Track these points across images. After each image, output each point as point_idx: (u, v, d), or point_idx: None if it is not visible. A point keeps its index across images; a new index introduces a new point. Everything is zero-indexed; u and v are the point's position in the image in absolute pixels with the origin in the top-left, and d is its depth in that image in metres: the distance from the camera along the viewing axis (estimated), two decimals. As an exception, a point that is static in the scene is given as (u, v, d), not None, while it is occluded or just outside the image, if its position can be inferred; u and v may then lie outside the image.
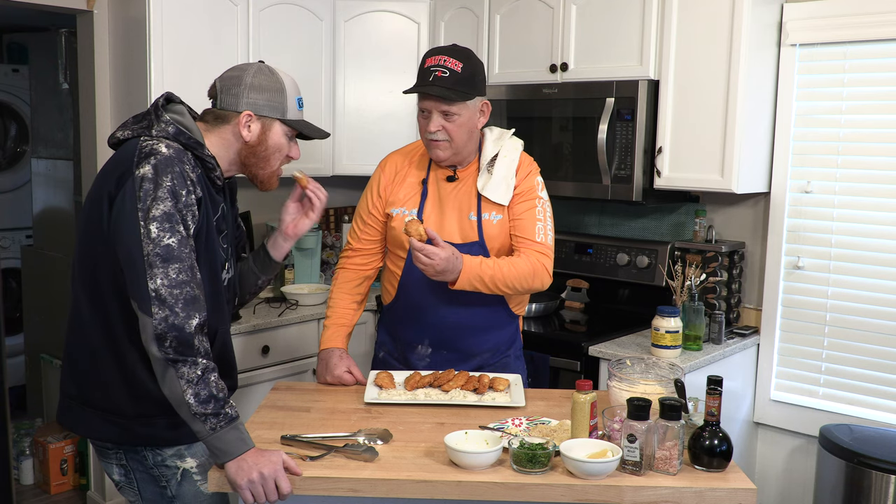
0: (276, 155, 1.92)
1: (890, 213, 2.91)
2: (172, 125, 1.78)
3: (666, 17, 3.00)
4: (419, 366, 2.39)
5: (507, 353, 2.43)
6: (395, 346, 2.46)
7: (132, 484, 1.89)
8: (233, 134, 1.88)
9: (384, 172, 2.39)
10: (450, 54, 2.20)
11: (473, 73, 2.21)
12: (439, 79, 2.16)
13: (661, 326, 2.75)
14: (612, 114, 3.06)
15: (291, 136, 1.95)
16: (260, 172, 1.94)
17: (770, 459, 3.27)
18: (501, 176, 2.29)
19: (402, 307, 2.39)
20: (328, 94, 3.71)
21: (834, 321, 3.06)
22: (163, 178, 1.69)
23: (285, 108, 1.89)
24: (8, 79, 4.97)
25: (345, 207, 4.22)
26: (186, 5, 3.16)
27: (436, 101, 2.18)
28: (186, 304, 1.66)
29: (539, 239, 2.28)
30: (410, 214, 2.32)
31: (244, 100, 1.86)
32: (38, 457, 3.82)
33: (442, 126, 2.20)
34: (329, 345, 2.37)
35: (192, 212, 1.73)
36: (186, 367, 1.66)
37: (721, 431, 1.74)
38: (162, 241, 1.66)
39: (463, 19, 3.62)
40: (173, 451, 1.86)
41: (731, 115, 2.89)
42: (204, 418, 1.66)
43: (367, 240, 2.41)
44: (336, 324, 2.40)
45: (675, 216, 3.45)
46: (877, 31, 2.84)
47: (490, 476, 1.68)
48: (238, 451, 1.68)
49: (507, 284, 2.22)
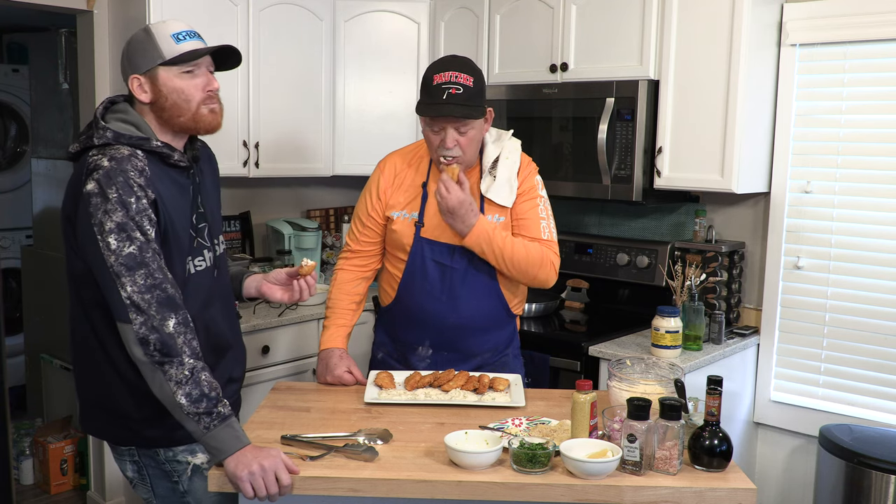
0: (181, 97, 1.83)
1: (890, 213, 2.91)
2: (110, 130, 1.78)
3: (666, 17, 3.00)
4: (420, 366, 2.38)
5: (505, 352, 2.44)
6: (394, 347, 2.46)
7: (145, 480, 1.92)
8: (140, 102, 1.84)
9: (383, 175, 2.38)
10: (458, 69, 2.18)
11: (482, 86, 2.22)
12: (454, 96, 2.15)
13: (661, 326, 2.75)
14: (612, 114, 3.06)
15: (190, 71, 1.83)
16: (180, 120, 1.85)
17: (770, 459, 3.27)
18: (505, 178, 2.30)
19: (402, 309, 2.39)
20: (328, 94, 3.71)
21: (833, 321, 3.06)
22: (108, 190, 1.70)
23: (160, 51, 1.80)
24: (8, 79, 4.97)
25: (345, 207, 4.23)
26: (186, 5, 3.16)
27: (454, 119, 2.17)
28: (161, 307, 1.69)
29: (545, 237, 2.30)
30: (411, 217, 2.32)
31: (128, 67, 1.84)
32: (38, 457, 3.82)
33: (457, 141, 2.19)
34: (329, 345, 2.37)
35: (148, 215, 1.73)
36: (173, 368, 1.68)
37: (721, 431, 1.74)
38: (123, 251, 1.68)
39: (463, 19, 3.62)
40: (184, 447, 1.88)
41: (731, 115, 2.89)
42: (197, 417, 1.67)
43: (365, 242, 2.41)
44: (335, 324, 2.41)
45: (675, 216, 3.45)
46: (877, 31, 2.84)
47: (490, 476, 1.68)
48: (234, 449, 1.68)
49: (515, 263, 2.23)
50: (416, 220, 2.32)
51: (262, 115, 3.47)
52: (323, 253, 3.96)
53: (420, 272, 2.32)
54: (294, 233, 3.76)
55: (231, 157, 3.40)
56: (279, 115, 3.54)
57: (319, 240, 3.81)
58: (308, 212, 4.11)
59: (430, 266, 2.31)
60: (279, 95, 3.53)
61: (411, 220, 2.33)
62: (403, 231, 2.33)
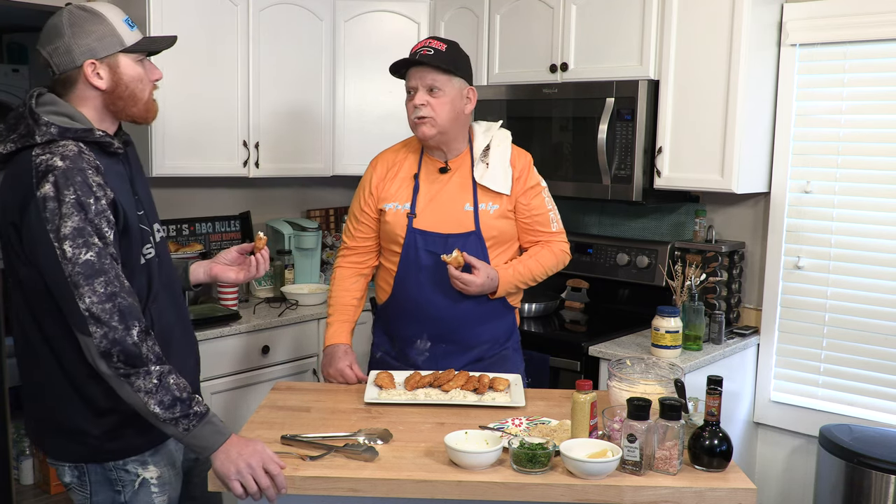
0: (139, 86, 1.77)
1: (890, 213, 2.91)
2: (54, 126, 1.66)
3: (666, 17, 3.00)
4: (418, 360, 2.40)
5: (505, 344, 2.46)
6: (392, 346, 2.47)
7: (85, 487, 1.80)
8: (87, 90, 1.73)
9: (375, 171, 2.44)
10: (434, 38, 2.31)
11: (457, 55, 2.30)
12: (424, 56, 2.25)
13: (661, 326, 2.75)
14: (612, 114, 3.06)
15: (142, 59, 1.79)
16: (133, 110, 1.78)
17: (770, 459, 3.27)
18: (497, 165, 2.34)
19: (399, 303, 2.41)
20: (328, 94, 3.70)
21: (833, 321, 3.06)
22: (65, 192, 1.60)
23: (120, 36, 1.73)
24: (8, 79, 4.97)
25: (345, 207, 4.23)
26: (186, 5, 3.16)
27: (420, 74, 2.25)
28: (122, 316, 1.61)
29: (555, 228, 2.43)
30: (403, 208, 2.35)
31: (77, 51, 1.70)
32: (38, 457, 3.82)
33: (427, 101, 2.26)
34: (333, 341, 2.41)
35: (107, 217, 1.64)
36: (140, 379, 1.62)
37: (721, 431, 1.74)
38: (80, 259, 1.59)
39: (463, 19, 3.62)
40: (137, 457, 1.80)
41: (731, 115, 2.89)
42: (175, 422, 1.64)
43: (361, 237, 2.45)
44: (338, 321, 2.44)
45: (675, 216, 3.45)
46: (877, 31, 2.84)
47: (490, 476, 1.68)
48: (217, 443, 1.67)
49: (537, 279, 2.40)
50: (408, 212, 2.34)
51: (262, 115, 3.47)
52: (323, 253, 3.96)
53: (414, 263, 2.34)
54: (294, 233, 3.75)
55: (231, 157, 3.40)
56: (279, 115, 3.54)
57: (319, 240, 3.81)
58: (308, 212, 4.11)
59: (423, 257, 2.33)
60: (279, 95, 3.53)
61: (403, 212, 2.35)
62: (396, 222, 2.35)
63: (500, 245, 2.37)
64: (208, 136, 3.31)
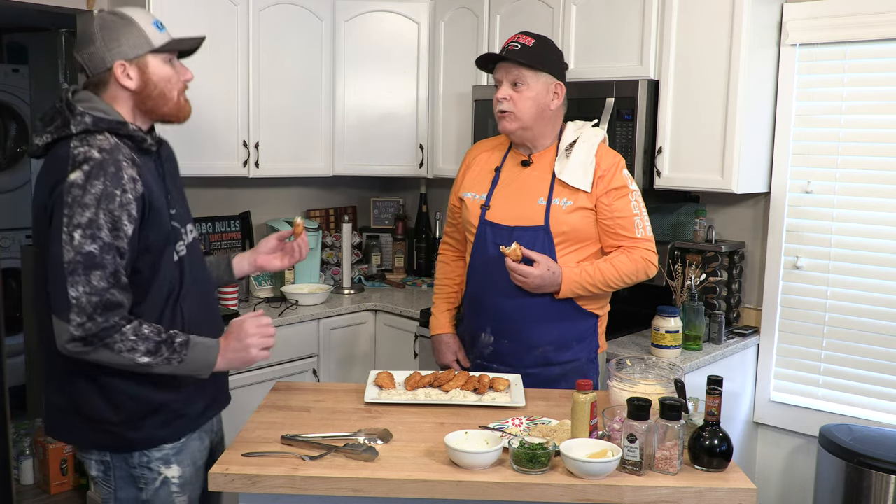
0: (168, 86, 1.84)
1: (890, 213, 2.91)
2: (88, 115, 1.72)
3: (666, 17, 3.00)
4: (484, 353, 2.42)
5: (577, 352, 2.37)
6: (465, 338, 2.53)
7: (110, 482, 1.85)
8: (118, 90, 1.80)
9: (465, 161, 2.52)
10: (524, 33, 2.31)
11: (545, 51, 2.30)
12: (510, 51, 2.26)
13: (661, 326, 2.75)
14: (612, 114, 3.06)
15: (172, 60, 1.87)
16: (164, 109, 1.85)
17: (770, 459, 3.27)
18: (580, 160, 2.30)
19: (469, 295, 2.45)
20: (328, 94, 3.71)
21: (833, 321, 3.06)
22: (93, 182, 1.65)
23: (148, 38, 1.81)
24: (8, 79, 4.97)
25: (345, 207, 4.22)
26: (186, 5, 3.16)
27: (506, 69, 2.27)
28: (105, 310, 1.65)
29: (639, 234, 2.33)
30: (480, 198, 2.39)
31: (108, 54, 1.78)
32: (38, 457, 3.82)
33: (509, 95, 2.27)
34: (437, 331, 2.56)
35: (128, 210, 1.68)
36: (117, 342, 1.66)
37: (721, 431, 1.74)
38: (83, 249, 1.63)
39: (463, 19, 3.62)
40: (161, 455, 1.83)
41: (731, 115, 2.89)
42: (167, 361, 1.71)
43: (453, 223, 2.56)
44: (440, 310, 2.57)
45: (675, 216, 3.45)
46: (877, 31, 2.84)
47: (490, 476, 1.68)
48: (213, 355, 1.77)
49: (611, 285, 2.32)
50: (482, 202, 2.35)
51: (262, 114, 3.47)
52: (323, 253, 3.96)
53: (482, 256, 2.35)
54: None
55: (231, 157, 3.40)
56: (279, 115, 3.54)
57: (319, 240, 3.81)
58: (308, 212, 4.11)
59: (491, 248, 2.33)
60: (279, 95, 3.53)
61: (479, 202, 2.37)
62: (472, 212, 2.39)
63: (570, 243, 2.31)
64: (208, 136, 3.31)
